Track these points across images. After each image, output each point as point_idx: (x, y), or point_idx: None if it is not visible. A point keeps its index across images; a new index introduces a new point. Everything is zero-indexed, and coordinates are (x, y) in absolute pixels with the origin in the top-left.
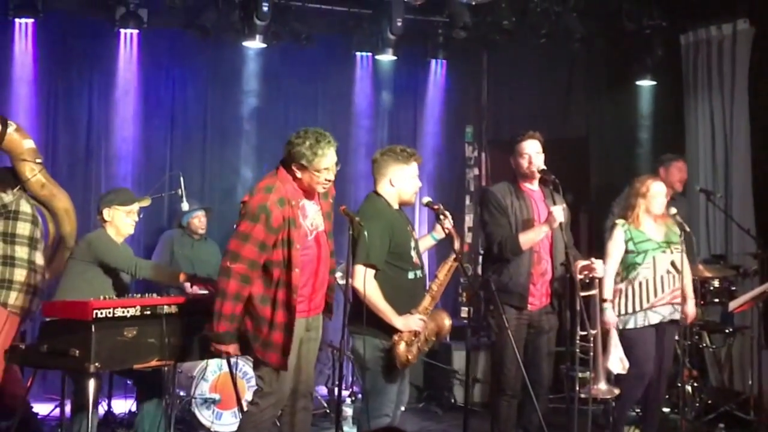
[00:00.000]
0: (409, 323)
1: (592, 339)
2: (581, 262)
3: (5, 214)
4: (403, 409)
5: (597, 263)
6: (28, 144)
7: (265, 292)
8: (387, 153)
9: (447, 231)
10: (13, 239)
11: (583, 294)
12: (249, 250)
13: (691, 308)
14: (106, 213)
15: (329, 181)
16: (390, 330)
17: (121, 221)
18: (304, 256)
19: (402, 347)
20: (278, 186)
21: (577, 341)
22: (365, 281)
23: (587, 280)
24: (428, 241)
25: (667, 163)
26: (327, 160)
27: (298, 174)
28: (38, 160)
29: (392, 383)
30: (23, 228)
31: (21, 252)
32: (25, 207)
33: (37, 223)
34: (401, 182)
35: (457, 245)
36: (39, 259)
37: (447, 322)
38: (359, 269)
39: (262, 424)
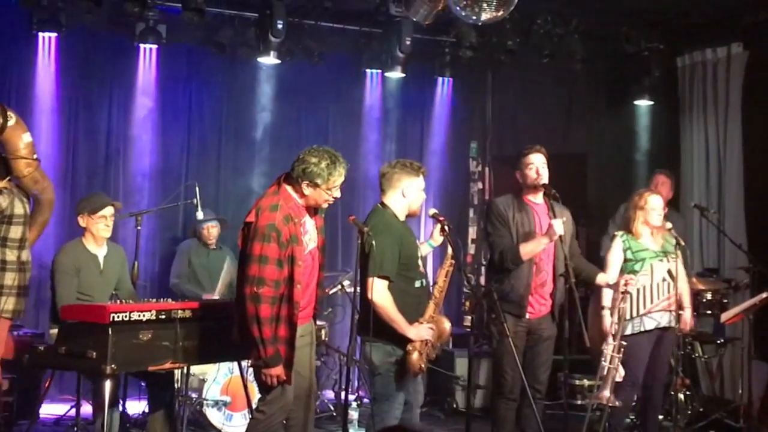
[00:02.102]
0: (420, 333)
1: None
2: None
3: (1, 219)
4: (419, 411)
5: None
6: (27, 138)
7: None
8: (398, 166)
9: (442, 236)
10: (5, 243)
11: (622, 306)
12: (270, 271)
13: (688, 317)
14: (81, 220)
15: (336, 198)
16: (400, 338)
17: (95, 227)
18: (301, 270)
19: (415, 356)
20: (282, 204)
21: (606, 350)
22: (380, 293)
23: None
24: (425, 248)
25: (651, 177)
26: (340, 179)
27: (307, 191)
28: (35, 156)
29: (401, 389)
30: (15, 231)
31: (11, 255)
32: (19, 209)
33: (27, 221)
34: (412, 194)
35: (450, 251)
36: (26, 255)
37: (447, 326)
38: (373, 282)
39: (269, 430)
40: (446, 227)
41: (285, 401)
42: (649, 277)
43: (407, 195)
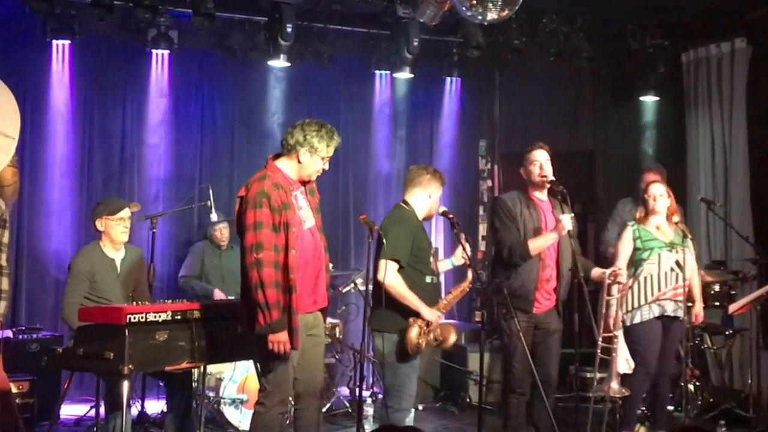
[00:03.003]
0: (432, 314)
1: (610, 340)
2: (604, 270)
3: (2, 224)
4: (420, 408)
5: (623, 270)
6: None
7: None
8: (431, 172)
9: (464, 259)
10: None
11: (607, 298)
12: (267, 236)
13: (699, 309)
14: (99, 224)
15: (324, 170)
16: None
17: (113, 230)
18: (301, 242)
19: (415, 331)
20: (269, 174)
21: (600, 342)
22: (391, 274)
23: (612, 286)
24: (446, 264)
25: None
26: (332, 149)
27: (304, 158)
28: (17, 165)
29: (410, 377)
30: (6, 236)
31: (3, 259)
32: (6, 214)
33: (7, 226)
34: (433, 197)
35: (470, 275)
36: (4, 260)
37: (452, 337)
38: (384, 263)
39: (271, 422)
40: (456, 224)
41: (285, 393)
42: (657, 266)
43: (433, 197)
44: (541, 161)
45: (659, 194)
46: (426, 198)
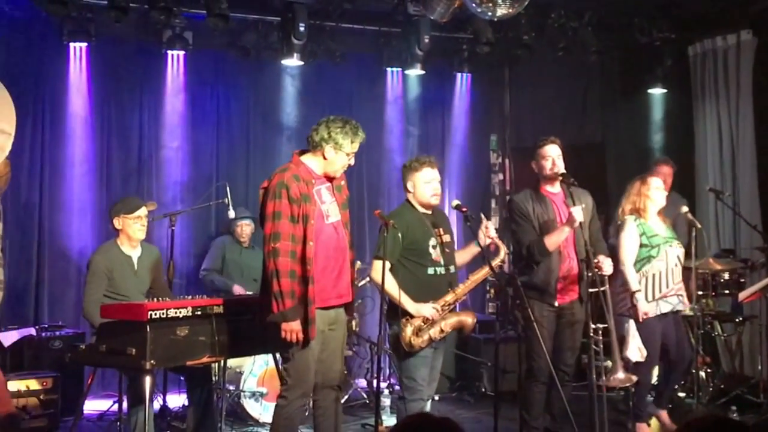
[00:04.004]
0: (420, 310)
1: (608, 332)
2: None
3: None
4: (436, 398)
5: (605, 261)
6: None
7: None
8: (405, 163)
9: (489, 238)
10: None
11: (591, 290)
12: (285, 226)
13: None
14: (116, 222)
15: (350, 165)
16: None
17: (130, 228)
18: (322, 235)
19: (408, 331)
20: (292, 167)
21: (591, 334)
22: (375, 271)
23: (596, 278)
24: (473, 248)
25: (653, 167)
26: (357, 145)
27: (330, 154)
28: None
29: (418, 367)
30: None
31: None
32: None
33: (1, 217)
34: (416, 187)
35: (502, 254)
36: None
37: (470, 320)
38: (373, 262)
39: (292, 414)
40: (470, 218)
41: (306, 386)
42: (665, 263)
43: (411, 189)
44: (553, 156)
45: (662, 188)
46: (409, 192)
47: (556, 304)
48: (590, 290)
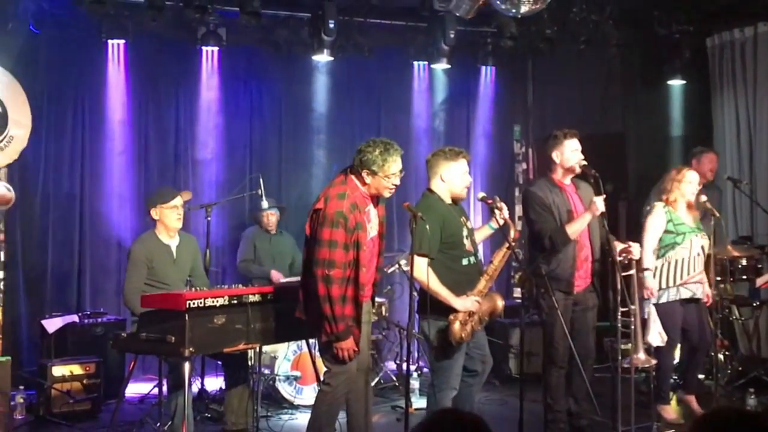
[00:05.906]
0: (466, 304)
1: (633, 314)
2: (619, 245)
3: None
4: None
5: (634, 246)
6: None
7: None
8: (437, 153)
9: (503, 220)
10: None
11: (624, 274)
12: (339, 255)
13: (708, 291)
14: (153, 213)
15: (396, 186)
16: (449, 312)
17: (167, 217)
18: (363, 248)
19: (457, 326)
20: (349, 193)
21: (620, 317)
22: (419, 269)
23: (626, 262)
24: (486, 230)
25: (699, 155)
26: (395, 165)
27: (368, 180)
28: None
29: (453, 359)
30: None
31: None
32: None
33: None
34: (450, 178)
35: (512, 234)
36: None
37: (500, 303)
38: (414, 260)
39: (336, 401)
40: (496, 208)
41: (349, 374)
42: (688, 251)
43: (446, 179)
44: (578, 148)
45: (695, 183)
46: (440, 182)
47: (575, 291)
48: (623, 274)
